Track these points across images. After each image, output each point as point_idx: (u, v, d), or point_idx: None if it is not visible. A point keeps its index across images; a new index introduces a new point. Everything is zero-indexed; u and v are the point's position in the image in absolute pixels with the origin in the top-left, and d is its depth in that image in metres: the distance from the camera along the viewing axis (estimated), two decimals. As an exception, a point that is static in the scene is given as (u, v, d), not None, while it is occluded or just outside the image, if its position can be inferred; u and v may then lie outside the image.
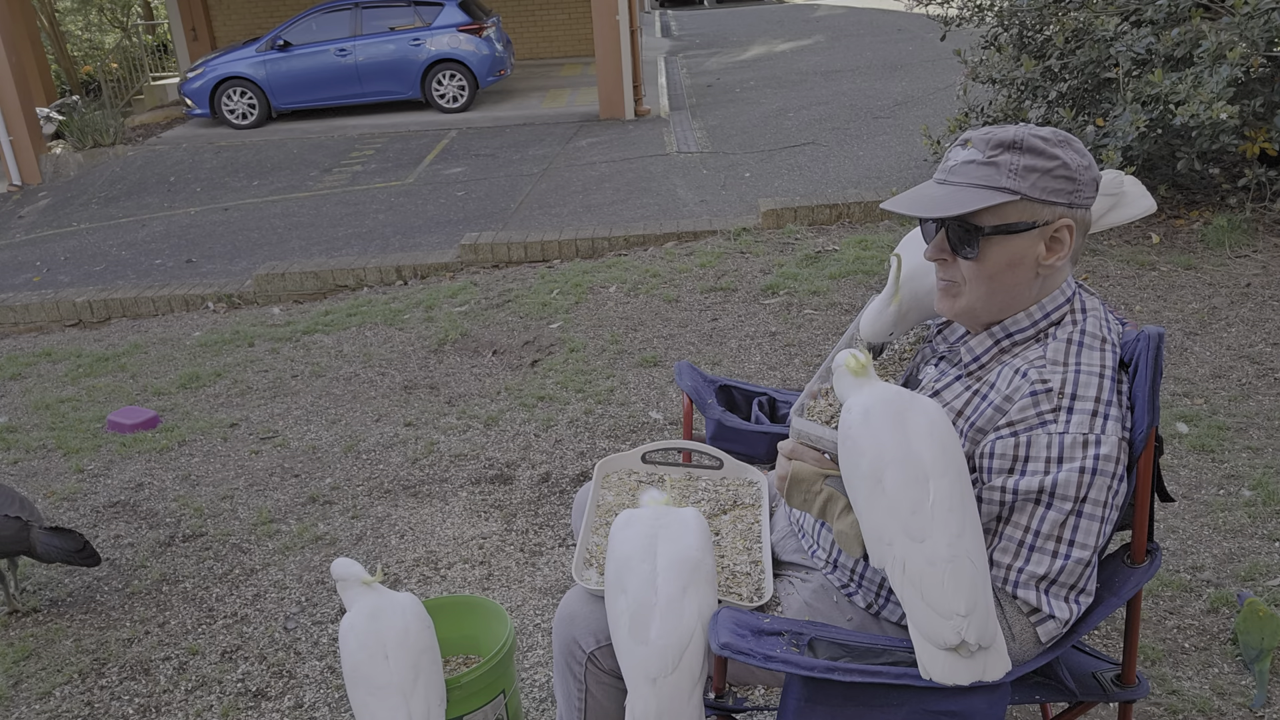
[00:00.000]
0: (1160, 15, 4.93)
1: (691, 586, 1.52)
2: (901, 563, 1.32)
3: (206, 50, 15.05)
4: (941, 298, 1.55)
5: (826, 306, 4.80)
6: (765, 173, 7.70)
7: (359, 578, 1.89)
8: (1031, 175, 1.43)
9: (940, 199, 1.47)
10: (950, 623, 1.29)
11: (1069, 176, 1.43)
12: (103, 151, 11.23)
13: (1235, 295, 4.47)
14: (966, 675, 1.31)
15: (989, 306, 1.51)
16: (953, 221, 1.47)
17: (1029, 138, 1.44)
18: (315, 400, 4.41)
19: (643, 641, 1.48)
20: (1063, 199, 1.44)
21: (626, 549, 1.57)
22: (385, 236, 7.23)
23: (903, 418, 1.38)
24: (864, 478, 1.37)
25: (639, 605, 1.50)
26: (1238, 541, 2.79)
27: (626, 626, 1.50)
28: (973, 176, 1.45)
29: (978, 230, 1.45)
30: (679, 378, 2.14)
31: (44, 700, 2.59)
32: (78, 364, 5.19)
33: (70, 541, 2.87)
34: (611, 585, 1.56)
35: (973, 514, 1.36)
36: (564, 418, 3.95)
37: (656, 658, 1.46)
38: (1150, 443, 1.48)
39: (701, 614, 1.50)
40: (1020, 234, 1.44)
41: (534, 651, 2.61)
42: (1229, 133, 4.65)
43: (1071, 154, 1.44)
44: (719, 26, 19.53)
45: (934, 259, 1.53)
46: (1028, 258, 1.46)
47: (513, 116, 11.55)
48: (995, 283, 1.48)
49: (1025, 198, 1.43)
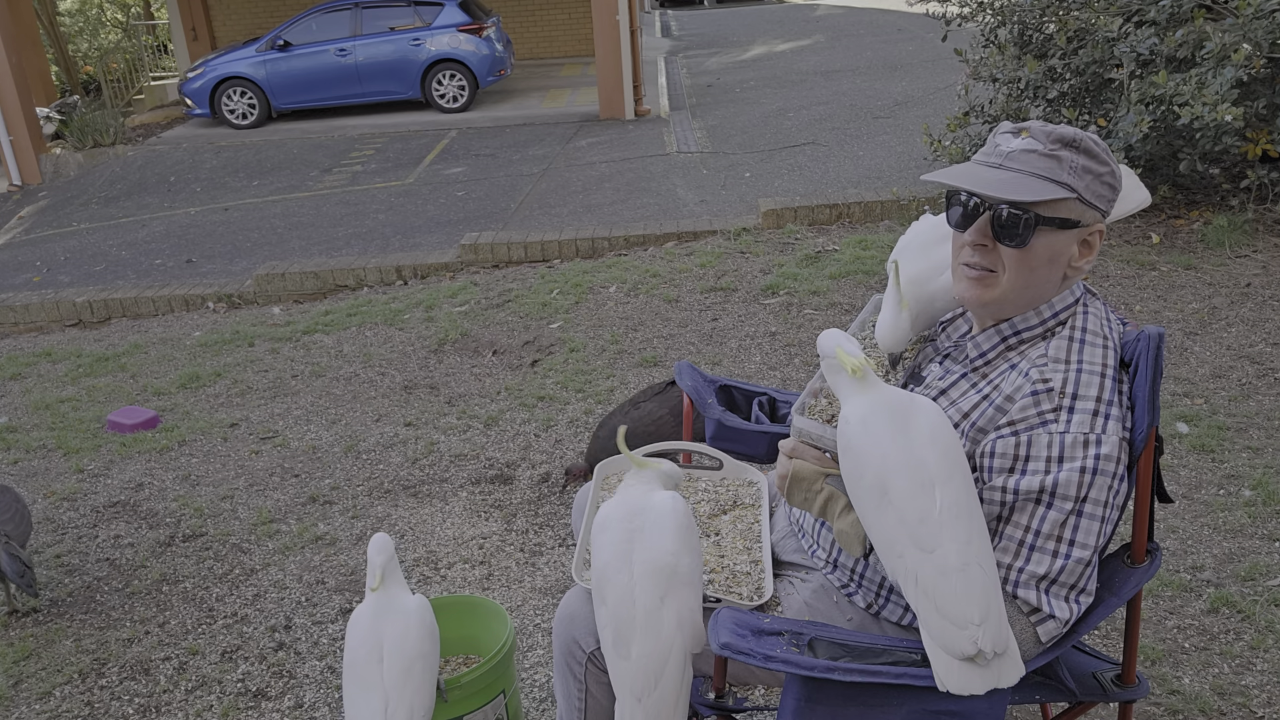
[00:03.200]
0: (1163, 16, 4.92)
1: (669, 594, 1.50)
2: (914, 575, 1.32)
3: (206, 50, 15.04)
4: (971, 286, 1.51)
5: (826, 306, 4.80)
6: (765, 173, 7.70)
7: (379, 568, 1.89)
8: (1087, 176, 1.45)
9: (1003, 182, 1.44)
10: (966, 633, 1.29)
11: (1112, 184, 1.47)
12: (103, 151, 11.23)
13: (1235, 295, 4.47)
14: (982, 684, 1.31)
15: (1021, 298, 1.50)
16: (1006, 206, 1.43)
17: (1086, 140, 1.45)
18: (315, 400, 4.41)
19: (625, 657, 1.49)
20: (1105, 205, 1.47)
21: (604, 557, 1.55)
22: (385, 236, 7.23)
23: (903, 423, 1.36)
24: (869, 489, 1.36)
25: (619, 620, 1.50)
26: (1238, 541, 2.79)
27: (610, 640, 1.51)
28: (1035, 166, 1.44)
29: (1036, 219, 1.43)
30: (679, 378, 2.14)
31: (44, 700, 2.59)
32: (78, 364, 5.19)
33: (13, 566, 2.83)
34: (595, 593, 1.56)
35: (979, 517, 1.35)
36: (564, 418, 3.95)
37: (640, 676, 1.47)
38: (1150, 443, 1.48)
39: (681, 622, 1.50)
40: (1067, 231, 1.46)
41: (534, 651, 2.61)
42: (1231, 134, 4.65)
43: (1116, 165, 1.49)
44: (719, 26, 19.53)
45: (975, 244, 1.48)
46: (1063, 256, 1.47)
47: (513, 116, 11.55)
48: (1033, 275, 1.47)
49: (1080, 197, 1.44)
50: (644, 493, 1.60)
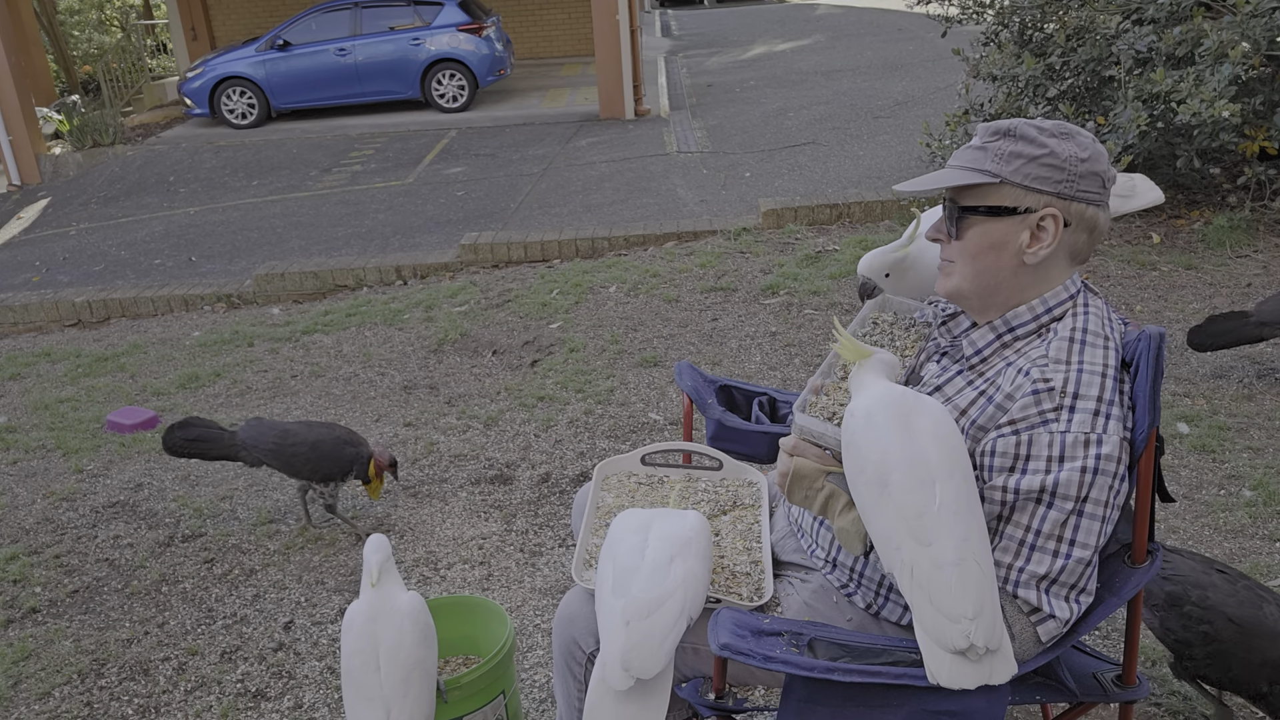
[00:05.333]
0: (1162, 14, 4.92)
1: (679, 558, 1.54)
2: (909, 567, 1.32)
3: (206, 50, 15.03)
4: (940, 277, 1.60)
5: (826, 306, 4.79)
6: (765, 172, 7.70)
7: (375, 568, 1.89)
8: (1016, 161, 1.46)
9: (935, 178, 1.53)
10: (958, 626, 1.29)
11: (1056, 165, 1.45)
12: (102, 151, 11.23)
13: (1236, 295, 4.47)
14: (973, 679, 1.31)
15: (976, 289, 1.54)
16: (947, 201, 1.54)
17: (1023, 126, 1.48)
18: (315, 400, 4.41)
19: (622, 595, 1.51)
20: (1049, 187, 1.46)
21: (620, 527, 1.63)
22: (385, 236, 7.23)
23: (907, 419, 1.38)
24: (869, 482, 1.37)
25: (624, 569, 1.53)
26: (1238, 542, 2.79)
27: (610, 585, 1.52)
28: (965, 160, 1.52)
29: (960, 210, 1.51)
30: (679, 378, 2.14)
31: (44, 700, 2.59)
32: (77, 364, 5.19)
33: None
34: (602, 556, 1.60)
35: (978, 515, 1.35)
36: (564, 418, 3.94)
37: (634, 606, 1.49)
38: (1151, 443, 1.48)
39: (686, 581, 1.52)
40: (1001, 218, 1.48)
41: (534, 651, 2.61)
42: (1229, 131, 4.65)
43: (1066, 145, 1.46)
44: (719, 26, 19.53)
45: (931, 238, 1.59)
46: (1010, 244, 1.48)
47: (513, 116, 11.55)
48: (978, 263, 1.52)
49: (1006, 181, 1.46)
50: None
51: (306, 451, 3.11)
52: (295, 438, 3.14)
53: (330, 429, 3.19)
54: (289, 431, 3.16)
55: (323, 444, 3.13)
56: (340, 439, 3.15)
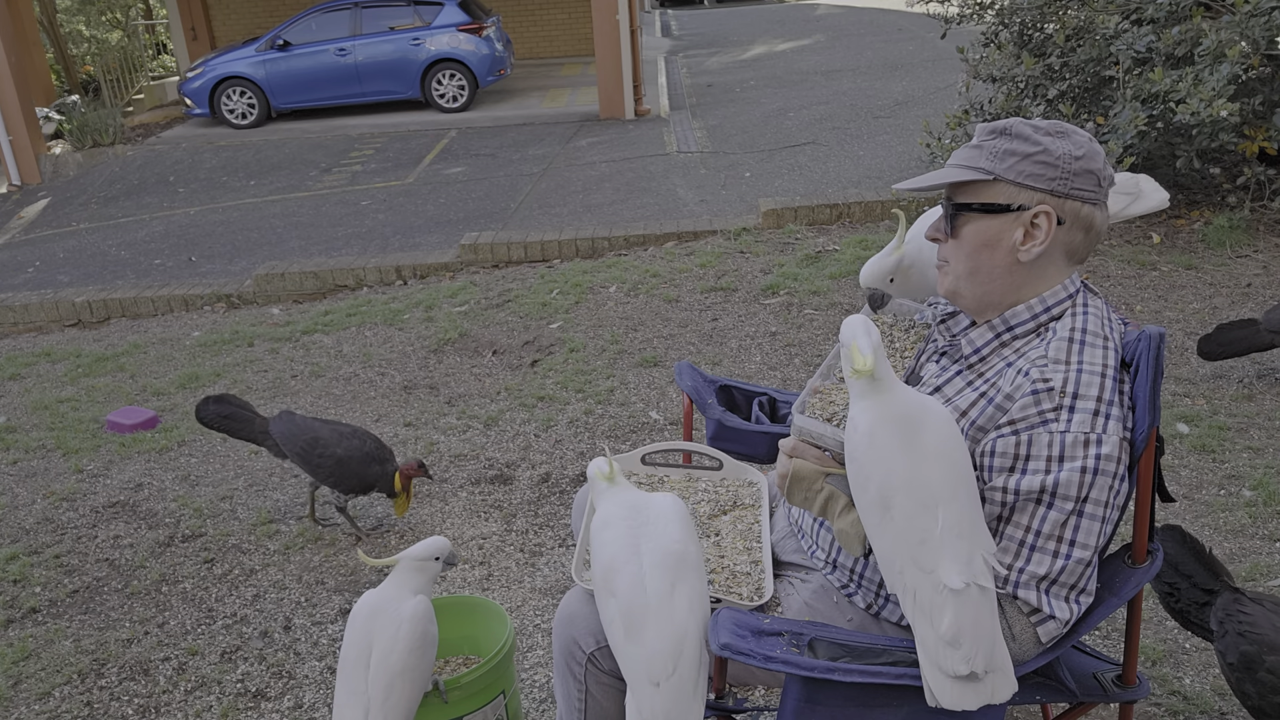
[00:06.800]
0: (1161, 14, 4.92)
1: (680, 581, 1.51)
2: (913, 592, 1.33)
3: (206, 50, 15.03)
4: (939, 277, 1.60)
5: (827, 306, 4.79)
6: (765, 172, 7.70)
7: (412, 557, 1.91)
8: (1010, 159, 1.47)
9: (929, 177, 1.54)
10: (960, 652, 1.29)
11: (1049, 163, 1.45)
12: (102, 151, 11.23)
13: (1236, 295, 4.47)
14: (975, 700, 1.31)
15: (972, 288, 1.54)
16: (944, 200, 1.55)
17: (1019, 125, 1.48)
18: (315, 400, 4.41)
19: (639, 644, 1.47)
20: (1041, 184, 1.46)
21: (610, 551, 1.55)
22: (385, 236, 7.23)
23: (910, 435, 1.35)
24: (872, 504, 1.36)
25: (630, 608, 1.49)
26: (1239, 542, 2.79)
27: (622, 630, 1.49)
28: (963, 158, 1.52)
29: (954, 207, 1.53)
30: (679, 378, 2.14)
31: (44, 700, 2.59)
32: (77, 364, 5.19)
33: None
34: (600, 589, 1.55)
35: (983, 534, 1.35)
36: (564, 418, 3.94)
37: (658, 662, 1.45)
38: (1151, 443, 1.48)
39: (693, 607, 1.50)
40: (995, 215, 1.49)
41: (534, 651, 2.61)
42: (1228, 130, 4.65)
43: (1060, 143, 1.46)
44: (719, 26, 19.53)
45: (930, 238, 1.60)
46: (1004, 242, 1.49)
47: (513, 116, 11.55)
48: (972, 262, 1.52)
49: (999, 179, 1.47)
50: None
51: (332, 466, 3.08)
52: (323, 448, 3.09)
53: (360, 441, 3.13)
54: (318, 440, 3.11)
55: (350, 461, 3.08)
56: (369, 455, 3.11)
